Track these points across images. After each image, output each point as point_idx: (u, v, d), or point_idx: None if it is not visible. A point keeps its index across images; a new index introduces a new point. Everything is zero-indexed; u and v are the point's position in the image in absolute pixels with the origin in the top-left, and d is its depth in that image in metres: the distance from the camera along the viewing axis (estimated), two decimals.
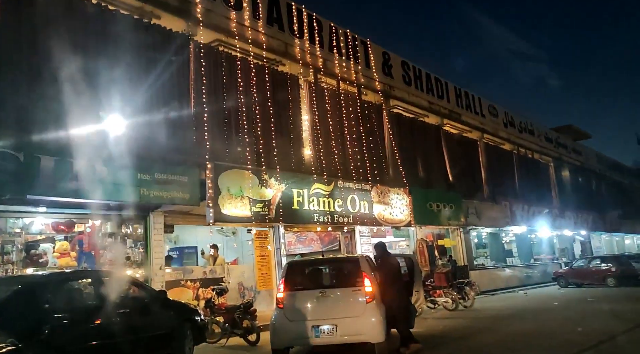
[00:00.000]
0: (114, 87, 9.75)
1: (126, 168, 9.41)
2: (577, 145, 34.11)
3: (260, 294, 12.79)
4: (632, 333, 8.62)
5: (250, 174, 11.94)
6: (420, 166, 18.65)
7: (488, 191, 22.35)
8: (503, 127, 25.06)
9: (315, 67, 14.81)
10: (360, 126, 15.79)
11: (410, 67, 19.18)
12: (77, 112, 8.90)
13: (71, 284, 6.86)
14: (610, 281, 19.59)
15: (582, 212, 29.51)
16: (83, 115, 8.97)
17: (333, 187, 14.05)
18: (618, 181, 38.19)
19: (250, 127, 12.49)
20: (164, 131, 10.55)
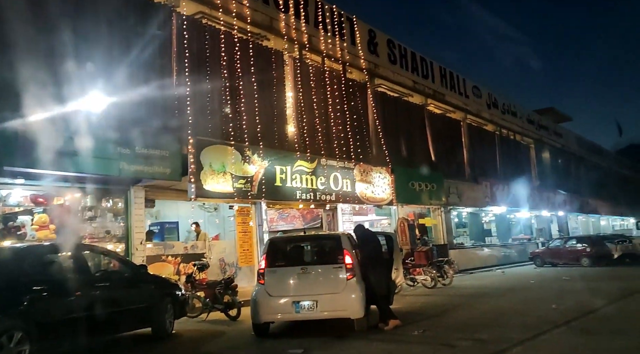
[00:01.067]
0: (96, 59, 9.52)
1: (107, 142, 9.27)
2: (558, 128, 34.59)
3: (241, 270, 12.85)
4: (605, 310, 8.89)
5: (233, 150, 11.86)
6: (404, 145, 18.72)
7: (469, 172, 22.60)
8: (486, 108, 25.22)
9: (300, 43, 14.63)
10: (344, 104, 15.73)
11: (396, 46, 19.08)
12: (57, 85, 8.70)
13: (50, 257, 6.80)
14: (584, 261, 20.12)
15: (561, 193, 30.11)
16: (63, 88, 8.77)
17: (316, 165, 14.05)
18: (597, 164, 38.93)
19: (234, 102, 12.35)
20: (146, 105, 10.37)
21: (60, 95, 8.73)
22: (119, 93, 9.76)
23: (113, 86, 9.72)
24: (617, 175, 43.58)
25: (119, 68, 10.00)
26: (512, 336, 6.75)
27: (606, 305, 9.36)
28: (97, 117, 9.21)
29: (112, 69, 9.84)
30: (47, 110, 8.42)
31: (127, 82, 10.12)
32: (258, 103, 12.95)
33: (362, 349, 6.38)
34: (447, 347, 6.26)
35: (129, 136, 9.73)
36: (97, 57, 9.59)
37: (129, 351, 7.24)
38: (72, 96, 8.95)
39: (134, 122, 9.95)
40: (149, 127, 10.16)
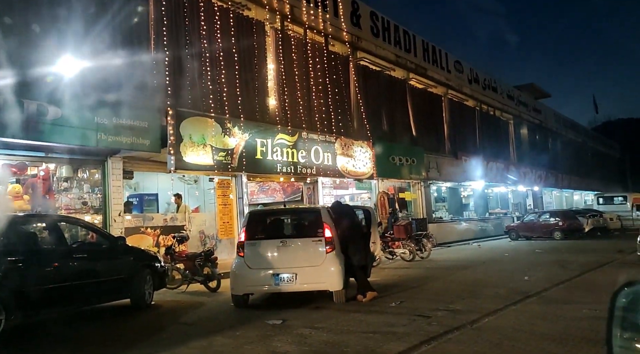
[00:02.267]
0: (72, 26, 9.21)
1: (83, 112, 9.07)
2: (537, 104, 34.98)
3: (221, 242, 12.89)
4: (574, 281, 9.21)
5: (213, 122, 11.72)
6: (385, 119, 18.74)
7: (449, 147, 22.80)
8: (467, 83, 25.31)
9: (282, 14, 14.37)
10: (326, 77, 15.61)
11: (379, 18, 18.88)
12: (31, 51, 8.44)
13: (25, 227, 6.71)
14: (557, 235, 20.69)
15: (537, 169, 30.68)
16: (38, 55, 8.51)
17: (297, 138, 14.00)
18: (573, 140, 39.65)
19: (214, 73, 12.15)
20: (124, 74, 10.12)
21: (35, 61, 8.47)
22: (96, 62, 9.50)
23: (90, 54, 9.45)
24: (592, 151, 44.53)
25: (97, 36, 9.71)
26: (485, 306, 6.96)
27: (576, 277, 9.69)
28: (74, 86, 8.97)
29: (89, 37, 9.55)
30: (22, 76, 8.18)
31: (105, 50, 9.84)
32: (239, 75, 12.76)
33: (340, 320, 6.51)
34: (423, 318, 6.43)
35: (107, 106, 9.53)
36: (74, 23, 9.28)
37: (108, 322, 7.27)
38: (47, 63, 8.70)
39: (112, 92, 9.73)
40: (128, 97, 9.95)
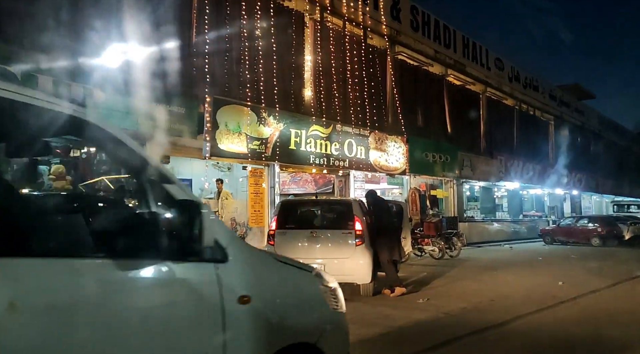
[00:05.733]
0: (116, 13, 9.45)
1: (124, 96, 9.31)
2: (580, 105, 33.86)
3: (252, 230, 13.04)
4: (612, 289, 8.93)
5: (249, 111, 11.84)
6: (420, 115, 18.52)
7: (485, 145, 22.37)
8: (507, 81, 24.71)
9: (322, 5, 14.35)
10: (363, 70, 15.51)
11: (420, 12, 18.61)
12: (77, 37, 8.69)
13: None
14: (595, 241, 20.06)
15: (576, 172, 29.74)
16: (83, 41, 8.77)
17: (331, 130, 14.00)
18: (616, 144, 38.24)
19: (252, 62, 12.25)
20: (164, 61, 10.31)
21: (80, 46, 8.73)
22: (138, 48, 9.72)
23: (133, 41, 9.67)
24: (637, 156, 42.82)
25: (140, 23, 9.92)
26: (515, 309, 6.83)
27: (614, 285, 9.39)
28: (117, 71, 9.21)
29: (133, 24, 9.77)
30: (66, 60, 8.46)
31: (147, 37, 10.04)
32: (276, 65, 12.83)
33: (366, 313, 6.52)
34: (448, 316, 6.37)
35: (147, 91, 9.75)
36: (118, 10, 9.51)
37: None
38: (90, 50, 8.95)
39: (153, 78, 9.94)
40: (168, 83, 10.15)
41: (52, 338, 1.56)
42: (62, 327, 1.59)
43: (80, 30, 8.91)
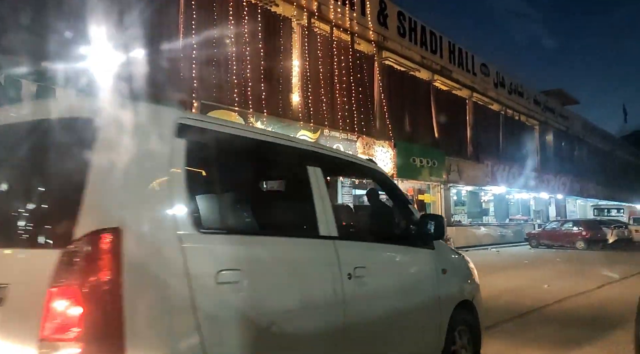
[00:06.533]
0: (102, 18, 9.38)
1: None
2: (564, 110, 34.35)
3: None
4: (596, 292, 9.04)
5: (237, 116, 11.83)
6: (407, 120, 18.65)
7: (472, 150, 22.58)
8: (493, 86, 25.01)
9: (309, 11, 14.42)
10: (350, 75, 15.60)
11: (406, 18, 18.78)
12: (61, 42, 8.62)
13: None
14: (579, 244, 20.31)
15: (561, 176, 30.14)
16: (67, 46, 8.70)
17: (319, 135, 14.03)
18: (599, 149, 38.83)
19: (240, 68, 12.26)
20: (151, 66, 10.28)
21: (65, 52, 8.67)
22: (124, 53, 9.67)
23: (119, 46, 9.62)
24: (620, 160, 43.53)
25: (126, 28, 9.88)
26: (501, 313, 6.89)
27: (598, 287, 9.51)
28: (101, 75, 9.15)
29: (119, 29, 9.72)
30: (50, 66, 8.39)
31: (134, 42, 10.00)
32: (264, 70, 12.85)
33: None
34: None
35: (133, 97, 9.67)
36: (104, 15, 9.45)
37: None
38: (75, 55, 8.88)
39: (139, 83, 9.89)
40: (154, 88, 10.11)
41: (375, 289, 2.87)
42: (383, 279, 3.01)
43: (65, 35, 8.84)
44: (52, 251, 1.68)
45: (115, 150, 1.88)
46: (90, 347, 1.60)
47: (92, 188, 1.76)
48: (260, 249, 2.29)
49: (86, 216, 1.71)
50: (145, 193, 1.92)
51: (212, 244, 2.06)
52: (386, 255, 3.27)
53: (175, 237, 1.89)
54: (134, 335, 1.66)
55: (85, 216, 1.71)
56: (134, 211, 1.84)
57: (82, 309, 1.62)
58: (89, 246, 1.67)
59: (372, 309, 2.82)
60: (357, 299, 2.68)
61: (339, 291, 2.56)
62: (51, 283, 1.64)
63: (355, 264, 2.73)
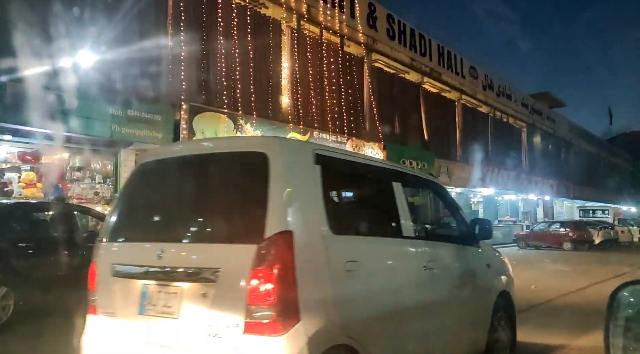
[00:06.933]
0: (91, 19, 9.32)
1: (98, 103, 9.16)
2: (551, 113, 34.69)
3: None
4: (583, 291, 9.13)
5: (226, 118, 11.78)
6: (397, 122, 18.71)
7: (461, 152, 22.71)
8: (482, 89, 25.18)
9: (298, 13, 14.41)
10: (340, 78, 15.61)
11: (396, 21, 18.85)
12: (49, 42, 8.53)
13: (37, 215, 6.80)
14: (566, 245, 20.51)
15: (548, 178, 30.44)
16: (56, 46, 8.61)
17: (309, 137, 14.02)
18: (586, 151, 39.27)
19: (229, 70, 12.21)
20: (140, 68, 10.21)
21: (52, 52, 8.57)
22: (113, 55, 9.60)
23: (108, 47, 9.55)
24: (605, 162, 44.08)
25: (114, 29, 9.81)
26: None
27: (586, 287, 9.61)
28: (91, 78, 9.07)
29: (107, 30, 9.65)
30: (38, 67, 8.29)
31: (122, 43, 9.94)
32: (253, 73, 12.81)
33: None
34: None
35: (123, 99, 9.63)
36: (93, 16, 9.38)
37: None
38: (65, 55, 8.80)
39: (128, 85, 9.83)
40: (143, 90, 10.05)
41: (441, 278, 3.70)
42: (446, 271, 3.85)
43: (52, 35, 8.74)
44: (250, 246, 2.48)
45: (282, 175, 2.67)
46: (279, 309, 2.41)
47: (272, 204, 2.55)
48: (369, 246, 3.17)
49: (271, 224, 2.50)
50: (302, 206, 2.71)
51: (341, 243, 2.88)
52: (447, 252, 4.06)
53: (321, 237, 2.73)
54: (302, 301, 2.48)
55: (271, 224, 2.50)
56: (297, 220, 2.61)
57: (273, 285, 2.43)
58: (274, 243, 2.48)
59: (439, 292, 3.66)
60: (430, 284, 3.56)
61: (418, 277, 3.46)
62: (252, 267, 2.45)
63: (427, 259, 3.60)
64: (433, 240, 4.03)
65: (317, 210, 2.78)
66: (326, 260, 2.72)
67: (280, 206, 2.57)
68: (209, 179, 2.97)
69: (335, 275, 2.75)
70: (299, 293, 2.49)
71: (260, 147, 2.82)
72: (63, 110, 8.63)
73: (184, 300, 2.63)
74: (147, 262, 2.79)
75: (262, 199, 2.55)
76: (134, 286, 2.81)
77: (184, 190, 3.08)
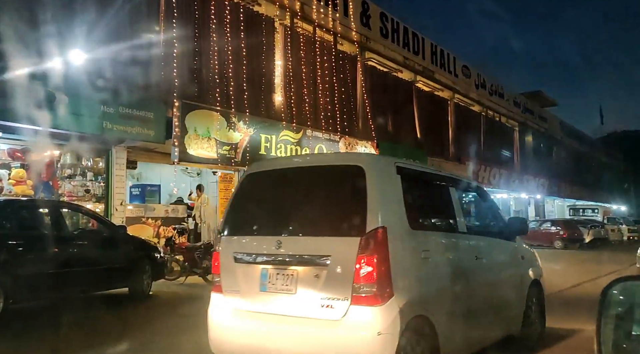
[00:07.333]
0: (83, 14, 9.23)
1: (90, 100, 9.09)
2: (543, 112, 34.87)
3: None
4: (575, 289, 9.21)
5: (219, 116, 11.74)
6: (390, 121, 18.72)
7: (453, 151, 22.78)
8: (474, 88, 25.25)
9: (292, 11, 14.37)
10: (333, 76, 15.60)
11: (389, 19, 18.85)
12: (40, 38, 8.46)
13: (27, 212, 6.74)
14: (557, 243, 20.66)
15: (540, 177, 30.61)
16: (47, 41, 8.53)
17: (301, 135, 14.01)
18: (577, 150, 39.53)
19: (222, 67, 12.15)
20: (132, 65, 10.13)
21: (44, 49, 8.50)
22: (105, 51, 9.53)
23: (99, 43, 9.47)
24: (596, 161, 44.38)
25: (107, 25, 9.73)
26: None
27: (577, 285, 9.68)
28: (82, 74, 9.00)
29: (99, 26, 9.57)
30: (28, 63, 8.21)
31: (114, 40, 9.86)
32: (246, 70, 12.77)
33: None
34: None
35: (114, 95, 9.56)
36: (84, 12, 9.30)
37: (105, 310, 7.29)
38: (56, 51, 8.72)
39: (119, 82, 9.75)
40: (135, 87, 9.98)
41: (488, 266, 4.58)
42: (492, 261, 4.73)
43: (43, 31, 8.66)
44: (355, 239, 3.28)
45: (375, 183, 3.44)
46: (378, 286, 3.19)
47: (370, 205, 3.34)
48: (436, 239, 4.00)
49: (370, 221, 3.29)
50: (390, 207, 3.50)
51: (417, 236, 3.70)
52: (492, 245, 4.84)
53: (405, 232, 3.52)
54: (395, 281, 3.26)
55: (370, 221, 3.29)
56: (388, 218, 3.39)
57: (373, 268, 3.21)
58: (373, 236, 3.26)
59: (487, 278, 4.48)
60: (480, 271, 4.38)
61: (471, 265, 4.26)
62: (357, 255, 3.24)
63: (478, 250, 4.46)
64: (480, 235, 4.75)
65: (400, 210, 3.55)
66: (409, 249, 3.54)
67: (376, 207, 3.35)
68: (316, 186, 3.81)
69: (415, 262, 3.59)
70: (392, 274, 3.25)
71: (357, 161, 3.69)
72: (54, 106, 8.56)
73: (299, 280, 3.41)
74: (267, 251, 3.62)
75: (362, 202, 3.34)
76: (254, 270, 3.62)
77: (295, 195, 3.91)
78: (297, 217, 3.77)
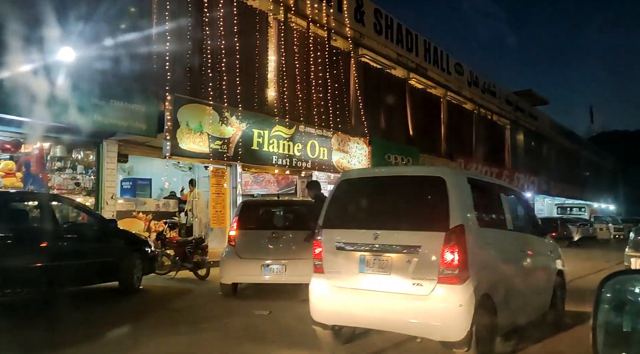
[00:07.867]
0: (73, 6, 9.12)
1: (80, 91, 8.99)
2: (534, 110, 35.03)
3: (213, 231, 12.87)
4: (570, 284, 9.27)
5: (211, 110, 11.68)
6: (383, 117, 18.74)
7: (445, 148, 22.85)
8: (467, 86, 25.32)
9: (286, 6, 14.30)
10: (326, 72, 15.57)
11: (383, 16, 18.83)
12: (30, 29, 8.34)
13: (16, 204, 6.67)
14: None
15: (530, 175, 30.81)
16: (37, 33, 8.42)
17: (294, 131, 13.98)
18: (567, 149, 39.80)
19: (214, 61, 12.08)
20: (124, 58, 10.04)
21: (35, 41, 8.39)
22: (96, 44, 9.42)
23: (91, 36, 9.37)
24: (586, 160, 44.74)
25: (98, 18, 9.62)
26: None
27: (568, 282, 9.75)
28: (73, 66, 8.89)
29: (91, 18, 9.46)
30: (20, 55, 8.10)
31: (106, 32, 9.75)
32: (239, 65, 12.70)
33: None
34: None
35: (106, 88, 9.47)
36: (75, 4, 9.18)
37: (95, 304, 7.25)
38: (47, 43, 8.61)
39: (111, 75, 9.66)
40: (127, 80, 9.89)
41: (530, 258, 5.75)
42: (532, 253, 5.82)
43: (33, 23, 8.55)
44: (441, 233, 4.24)
45: (454, 190, 4.43)
46: (459, 270, 4.14)
47: (452, 208, 4.32)
48: (494, 234, 5.02)
49: (453, 219, 4.26)
50: (466, 209, 4.46)
51: (483, 232, 4.69)
52: (531, 240, 5.89)
53: (476, 228, 4.52)
54: (470, 266, 4.19)
55: (452, 220, 4.26)
56: (464, 217, 4.36)
57: (454, 256, 4.16)
58: (455, 231, 4.22)
59: (529, 267, 5.61)
60: (525, 261, 5.54)
61: (519, 256, 5.42)
62: (443, 245, 4.19)
63: (524, 245, 5.60)
64: (523, 232, 5.75)
65: (471, 212, 4.52)
66: (478, 242, 4.46)
67: (456, 208, 4.32)
68: (405, 191, 4.80)
69: (482, 252, 4.55)
70: (469, 261, 4.17)
71: (439, 173, 4.71)
72: (44, 98, 8.45)
73: (393, 264, 4.37)
74: (366, 241, 4.54)
75: (444, 204, 4.32)
76: (353, 256, 4.56)
77: (388, 198, 4.91)
78: (390, 215, 4.73)
